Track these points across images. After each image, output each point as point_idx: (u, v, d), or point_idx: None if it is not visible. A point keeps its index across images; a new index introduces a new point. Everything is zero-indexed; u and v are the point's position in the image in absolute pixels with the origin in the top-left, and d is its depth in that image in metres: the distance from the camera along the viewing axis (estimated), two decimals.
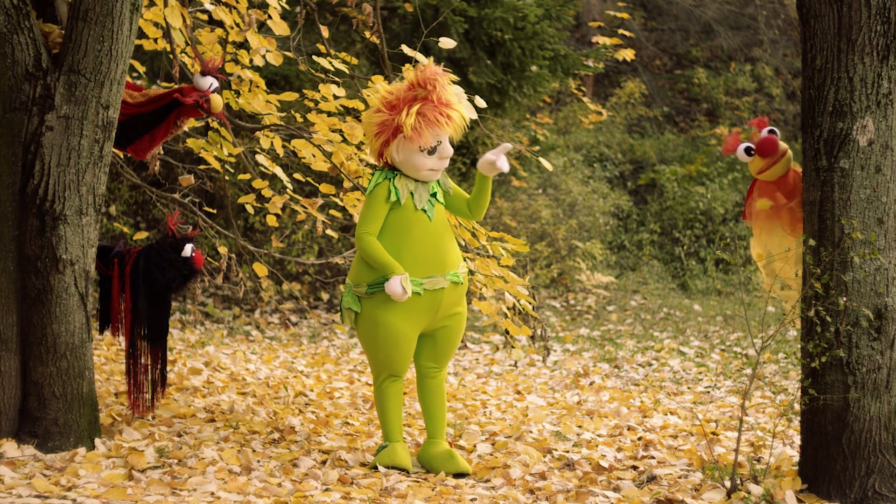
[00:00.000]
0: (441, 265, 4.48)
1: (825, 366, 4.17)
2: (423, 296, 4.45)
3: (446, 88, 4.49)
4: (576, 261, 12.24)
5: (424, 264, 4.45)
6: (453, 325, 4.60)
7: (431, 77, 4.44)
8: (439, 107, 4.44)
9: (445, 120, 4.43)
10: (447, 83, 4.51)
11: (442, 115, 4.43)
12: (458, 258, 4.56)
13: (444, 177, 4.64)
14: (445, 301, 4.51)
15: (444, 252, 4.49)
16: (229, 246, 8.68)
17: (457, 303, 4.58)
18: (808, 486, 4.23)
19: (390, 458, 4.51)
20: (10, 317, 4.39)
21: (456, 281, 4.52)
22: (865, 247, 4.13)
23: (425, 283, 4.45)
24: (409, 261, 4.44)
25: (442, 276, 4.47)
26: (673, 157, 15.12)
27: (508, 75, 9.95)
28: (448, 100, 4.47)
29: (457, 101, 4.52)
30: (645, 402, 6.52)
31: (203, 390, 5.92)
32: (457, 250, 4.57)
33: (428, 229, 4.48)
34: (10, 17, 4.33)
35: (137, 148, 4.91)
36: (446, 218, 4.60)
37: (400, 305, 4.44)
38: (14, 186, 4.40)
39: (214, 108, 4.78)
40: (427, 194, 4.53)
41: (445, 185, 4.64)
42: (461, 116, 4.49)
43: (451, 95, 4.50)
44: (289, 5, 8.25)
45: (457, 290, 4.55)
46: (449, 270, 4.49)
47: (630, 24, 15.78)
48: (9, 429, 4.38)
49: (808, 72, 4.24)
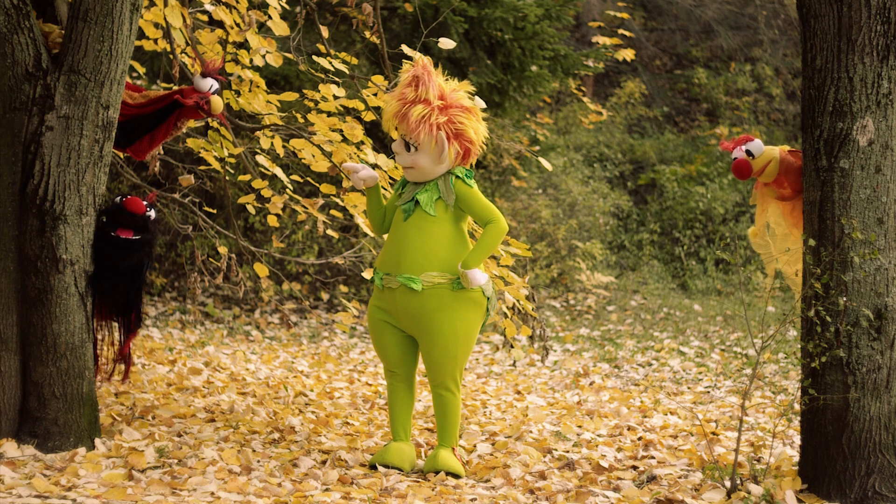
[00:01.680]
0: (396, 265, 4.48)
1: (825, 366, 4.17)
2: (384, 291, 4.53)
3: (426, 85, 4.47)
4: (576, 261, 12.24)
5: (386, 260, 4.54)
6: (423, 334, 4.48)
7: (416, 73, 4.49)
8: (401, 100, 4.49)
9: (394, 108, 4.47)
10: (429, 80, 4.48)
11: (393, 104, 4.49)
12: (426, 265, 4.43)
13: (449, 188, 4.51)
14: (401, 303, 4.47)
15: (404, 253, 4.46)
16: (229, 246, 8.68)
17: (421, 312, 4.44)
18: (808, 486, 4.23)
19: (380, 456, 4.52)
20: (10, 317, 4.39)
21: (409, 286, 4.42)
22: (865, 247, 4.13)
23: (385, 280, 4.52)
24: (383, 255, 4.59)
25: (394, 277, 4.48)
26: (673, 157, 15.12)
27: (508, 75, 9.95)
28: (424, 98, 4.47)
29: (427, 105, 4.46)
30: (645, 402, 6.52)
31: (203, 390, 5.92)
32: (432, 258, 4.43)
33: (399, 228, 4.53)
34: (10, 17, 4.33)
35: (137, 149, 4.91)
36: (429, 224, 4.47)
37: (377, 296, 4.57)
38: (14, 186, 4.40)
39: (215, 109, 4.78)
40: (412, 194, 4.54)
41: (447, 196, 4.51)
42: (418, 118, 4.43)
43: (430, 95, 4.46)
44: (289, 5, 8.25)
45: (415, 297, 4.43)
46: (403, 273, 4.45)
47: (630, 24, 15.78)
48: (9, 429, 4.38)
49: (808, 72, 4.24)
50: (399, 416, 4.62)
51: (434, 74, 4.51)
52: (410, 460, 4.57)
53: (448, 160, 4.49)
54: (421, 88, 4.47)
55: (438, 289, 4.44)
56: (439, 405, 4.57)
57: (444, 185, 4.53)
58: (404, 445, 4.57)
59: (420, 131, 4.43)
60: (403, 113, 4.48)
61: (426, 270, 4.44)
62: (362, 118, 5.90)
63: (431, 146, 4.46)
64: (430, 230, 4.48)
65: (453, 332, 4.47)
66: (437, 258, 4.45)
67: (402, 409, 4.62)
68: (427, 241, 4.47)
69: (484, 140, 4.63)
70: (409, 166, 4.53)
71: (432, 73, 4.50)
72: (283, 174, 5.77)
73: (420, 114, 4.44)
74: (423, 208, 4.49)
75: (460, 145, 4.50)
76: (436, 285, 4.44)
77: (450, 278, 4.45)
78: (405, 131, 4.49)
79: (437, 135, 4.44)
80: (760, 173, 4.53)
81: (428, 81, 4.47)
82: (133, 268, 4.60)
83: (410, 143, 4.50)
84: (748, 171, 4.54)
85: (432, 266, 4.45)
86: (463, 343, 4.50)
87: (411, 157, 4.51)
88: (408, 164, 4.52)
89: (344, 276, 10.35)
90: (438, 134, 4.44)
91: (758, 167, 4.52)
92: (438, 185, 4.54)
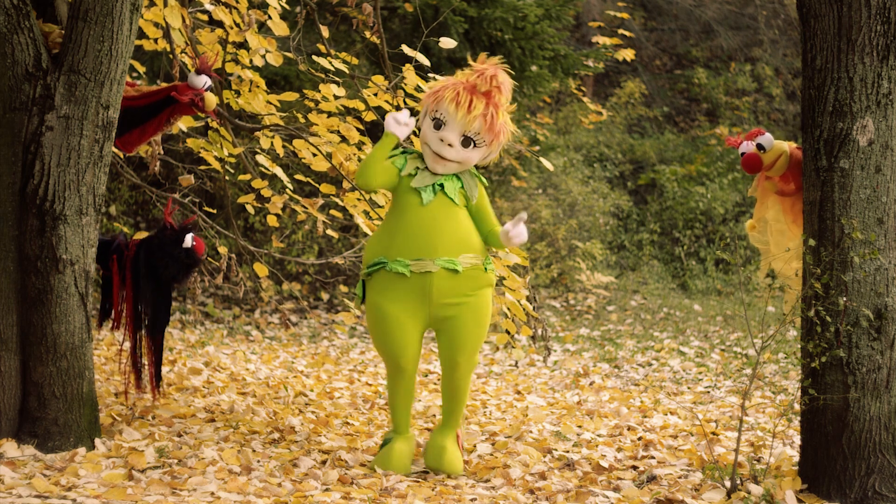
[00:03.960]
0: (431, 249, 4.44)
1: (825, 366, 4.17)
2: (411, 278, 4.46)
3: (500, 88, 4.50)
4: (576, 261, 12.24)
5: (413, 247, 4.46)
6: (459, 314, 4.50)
7: (489, 71, 4.49)
8: (471, 91, 4.46)
9: (454, 96, 4.43)
10: (502, 84, 4.51)
11: (457, 93, 4.45)
12: (462, 247, 4.49)
13: (473, 184, 4.58)
14: (437, 287, 4.45)
15: (436, 237, 4.45)
16: (229, 246, 8.68)
17: (457, 292, 4.49)
18: (808, 486, 4.23)
19: (383, 463, 4.50)
20: (10, 317, 4.39)
21: (449, 268, 4.45)
22: (865, 247, 4.13)
23: (412, 266, 4.45)
24: (401, 242, 4.48)
25: (431, 261, 4.45)
26: (673, 157, 15.12)
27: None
28: (494, 98, 4.48)
29: (501, 104, 4.51)
30: (645, 402, 6.52)
31: (203, 390, 5.92)
32: (464, 241, 4.50)
33: (419, 213, 4.47)
34: (10, 17, 4.33)
35: (126, 141, 4.90)
36: (454, 210, 4.51)
37: (390, 288, 4.48)
38: (14, 186, 4.40)
39: (208, 106, 4.77)
40: (432, 180, 4.51)
41: (470, 190, 4.57)
42: (483, 116, 4.45)
43: (504, 96, 4.50)
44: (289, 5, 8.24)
45: (454, 279, 4.47)
46: (441, 256, 4.45)
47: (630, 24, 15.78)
48: (9, 429, 4.38)
49: (808, 72, 4.24)
50: (404, 410, 4.60)
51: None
52: (410, 458, 4.56)
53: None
54: (506, 93, 4.51)
55: (476, 269, 4.52)
56: (455, 386, 4.57)
57: (470, 179, 4.59)
58: (405, 446, 4.56)
59: (501, 134, 4.51)
60: (491, 115, 4.47)
61: (462, 252, 4.49)
62: (363, 118, 5.90)
63: (494, 149, 4.55)
64: (457, 216, 4.52)
65: (486, 311, 4.58)
66: (468, 241, 4.52)
67: (406, 404, 4.60)
68: (458, 225, 4.51)
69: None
70: (457, 160, 4.50)
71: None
72: (284, 174, 5.77)
73: (504, 119, 4.52)
74: (448, 194, 4.51)
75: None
76: (473, 266, 4.51)
77: (481, 259, 4.54)
78: (479, 130, 4.48)
79: (502, 140, 4.55)
80: (770, 167, 4.50)
81: (503, 81, 4.51)
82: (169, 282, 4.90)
83: (475, 140, 4.49)
84: (759, 164, 4.50)
85: (466, 248, 4.50)
86: (487, 322, 4.62)
87: (467, 152, 4.50)
88: (460, 158, 4.50)
89: (344, 276, 10.35)
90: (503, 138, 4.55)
91: (768, 161, 4.49)
92: (462, 177, 4.58)
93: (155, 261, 4.80)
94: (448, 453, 4.52)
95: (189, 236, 4.79)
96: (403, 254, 4.46)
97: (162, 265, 4.79)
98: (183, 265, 4.82)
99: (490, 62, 4.55)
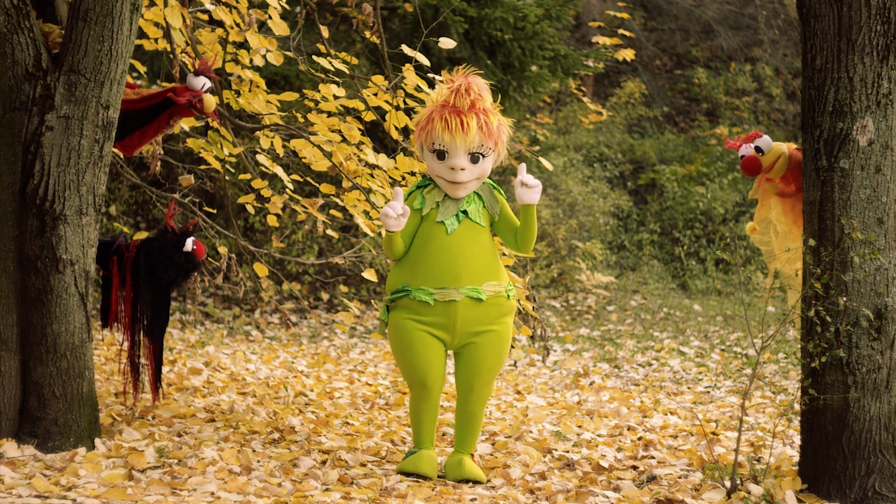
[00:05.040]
0: (455, 278, 4.40)
1: (825, 366, 4.17)
2: (436, 307, 4.41)
3: (480, 94, 4.44)
4: (576, 261, 12.24)
5: (437, 275, 4.41)
6: (481, 342, 4.46)
7: (461, 85, 4.43)
8: (457, 112, 4.41)
9: (444, 124, 4.38)
10: (479, 92, 4.45)
11: (444, 119, 4.40)
12: (487, 275, 4.44)
13: (493, 198, 4.54)
14: (462, 315, 4.42)
15: (460, 265, 4.40)
16: (229, 246, 8.68)
17: (481, 321, 4.44)
18: (808, 486, 4.23)
19: (414, 465, 4.45)
20: (10, 317, 4.39)
21: (474, 297, 4.41)
22: (865, 247, 4.13)
23: (436, 294, 4.41)
24: (425, 271, 4.43)
25: (455, 289, 4.41)
26: (673, 157, 15.12)
27: (508, 75, 9.95)
28: (479, 107, 4.43)
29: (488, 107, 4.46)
30: (645, 402, 6.52)
31: (203, 390, 5.92)
32: (488, 268, 4.45)
33: (444, 242, 4.43)
34: (10, 17, 4.33)
35: (126, 144, 4.90)
36: (479, 234, 4.47)
37: (415, 311, 4.43)
38: (14, 186, 4.40)
39: (207, 107, 4.76)
40: (455, 209, 4.47)
41: (492, 207, 4.53)
42: (480, 128, 4.40)
43: (486, 99, 4.45)
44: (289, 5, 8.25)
45: (478, 307, 4.42)
46: (465, 284, 4.41)
47: (630, 24, 15.78)
48: (9, 429, 4.38)
49: (808, 72, 4.24)
50: (429, 426, 4.53)
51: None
52: (437, 468, 4.54)
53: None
54: (486, 95, 4.46)
55: (498, 297, 4.47)
56: (472, 412, 4.52)
57: (489, 195, 4.55)
58: (433, 454, 4.53)
59: (501, 134, 4.46)
60: (485, 123, 4.42)
61: (486, 280, 4.45)
62: (362, 118, 5.90)
63: (501, 149, 4.50)
64: (481, 240, 4.48)
65: (508, 340, 4.53)
66: (491, 267, 4.47)
67: (432, 420, 4.54)
68: (481, 251, 4.46)
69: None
70: (475, 178, 4.46)
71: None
72: (284, 174, 5.78)
73: (497, 119, 4.46)
74: (472, 219, 4.47)
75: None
76: (497, 294, 4.46)
77: (504, 287, 4.49)
78: (482, 142, 4.42)
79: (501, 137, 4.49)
80: (770, 169, 4.51)
81: (479, 87, 4.46)
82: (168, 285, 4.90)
83: (481, 153, 4.44)
84: (758, 167, 4.51)
85: (490, 275, 4.46)
86: (508, 349, 4.57)
87: (480, 166, 4.45)
88: (476, 175, 4.45)
89: (344, 276, 10.35)
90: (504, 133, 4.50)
91: (767, 163, 4.50)
92: (482, 196, 4.53)
93: (155, 263, 4.80)
94: (467, 462, 4.48)
95: (190, 240, 4.79)
96: (428, 282, 4.42)
97: (161, 268, 4.80)
98: (182, 269, 4.82)
99: (457, 75, 4.50)
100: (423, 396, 4.50)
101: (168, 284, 4.85)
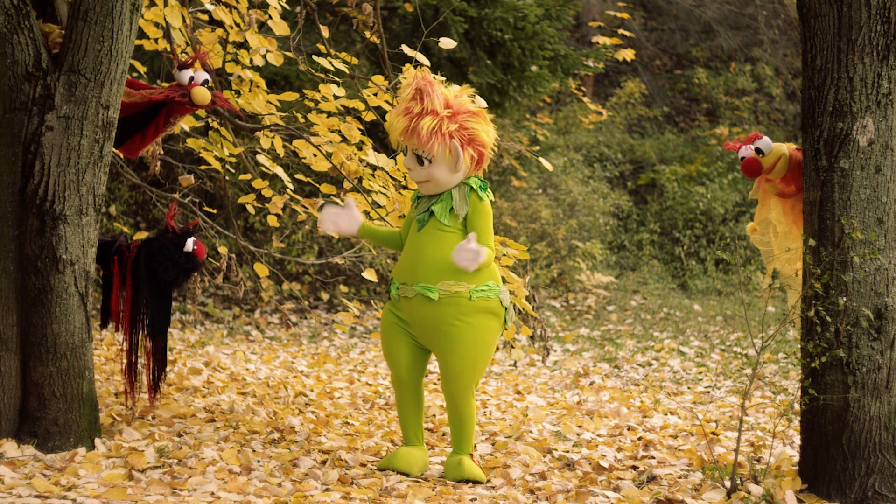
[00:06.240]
0: (412, 274, 4.43)
1: (825, 366, 4.17)
2: (400, 301, 4.50)
3: (430, 97, 4.40)
4: (576, 261, 12.24)
5: (402, 271, 4.49)
6: (442, 344, 4.42)
7: (418, 85, 4.43)
8: (406, 113, 4.43)
9: (399, 127, 4.43)
10: (432, 91, 4.42)
11: (398, 122, 4.44)
12: (444, 274, 4.38)
13: (464, 200, 4.48)
14: (417, 312, 4.43)
15: (417, 263, 4.42)
16: (229, 246, 8.68)
17: (437, 319, 4.40)
18: (808, 486, 4.23)
19: (388, 461, 4.50)
20: (10, 317, 4.39)
21: (425, 294, 4.39)
22: (865, 247, 4.13)
23: (400, 289, 4.49)
24: (398, 266, 4.54)
25: (410, 286, 4.44)
26: (673, 157, 15.13)
27: (508, 75, 9.95)
28: (431, 110, 4.41)
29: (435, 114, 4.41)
30: (645, 402, 6.52)
31: (203, 390, 5.92)
32: (447, 266, 4.38)
33: (414, 239, 4.49)
34: (10, 17, 4.33)
35: (129, 147, 4.90)
36: (443, 234, 4.43)
37: (393, 305, 4.55)
38: (14, 186, 4.40)
39: (198, 101, 4.73)
40: (427, 205, 4.50)
41: (460, 207, 4.46)
42: (404, 132, 4.42)
43: (436, 105, 4.40)
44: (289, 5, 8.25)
45: (430, 305, 4.39)
46: (419, 282, 4.41)
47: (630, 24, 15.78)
48: (9, 429, 4.38)
49: (808, 72, 4.24)
50: (409, 422, 4.57)
51: (435, 84, 4.45)
52: (421, 464, 4.52)
53: (464, 167, 4.45)
54: (426, 100, 4.40)
55: (456, 297, 4.39)
56: (455, 413, 4.51)
57: (459, 196, 4.48)
58: (415, 450, 4.53)
59: (433, 143, 4.38)
60: (412, 128, 4.40)
61: (443, 279, 4.39)
62: (363, 118, 5.90)
63: (446, 156, 4.40)
64: (446, 240, 4.43)
65: (473, 341, 4.41)
66: (453, 267, 4.38)
67: (412, 416, 4.57)
68: (443, 250, 4.41)
69: (495, 141, 4.57)
70: (424, 180, 4.46)
71: (433, 82, 4.45)
72: (284, 174, 5.78)
73: (430, 126, 4.38)
74: (438, 219, 4.45)
75: (474, 150, 4.44)
76: (453, 294, 4.39)
77: (467, 286, 4.39)
78: (416, 146, 4.42)
79: (450, 144, 4.39)
80: (770, 170, 4.51)
81: (431, 92, 4.41)
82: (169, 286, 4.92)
83: (423, 157, 4.42)
84: (758, 168, 4.52)
85: (449, 275, 4.39)
86: (482, 353, 4.44)
87: (426, 170, 4.44)
88: (423, 178, 4.45)
89: (344, 276, 10.36)
90: (452, 143, 4.39)
91: (768, 164, 4.50)
92: (453, 195, 4.49)
93: (155, 263, 4.80)
94: (466, 462, 4.47)
95: (190, 241, 4.79)
96: (397, 277, 4.52)
97: (162, 268, 4.80)
98: (183, 269, 4.82)
99: (411, 74, 4.50)
100: (397, 387, 4.58)
101: (168, 284, 4.86)
